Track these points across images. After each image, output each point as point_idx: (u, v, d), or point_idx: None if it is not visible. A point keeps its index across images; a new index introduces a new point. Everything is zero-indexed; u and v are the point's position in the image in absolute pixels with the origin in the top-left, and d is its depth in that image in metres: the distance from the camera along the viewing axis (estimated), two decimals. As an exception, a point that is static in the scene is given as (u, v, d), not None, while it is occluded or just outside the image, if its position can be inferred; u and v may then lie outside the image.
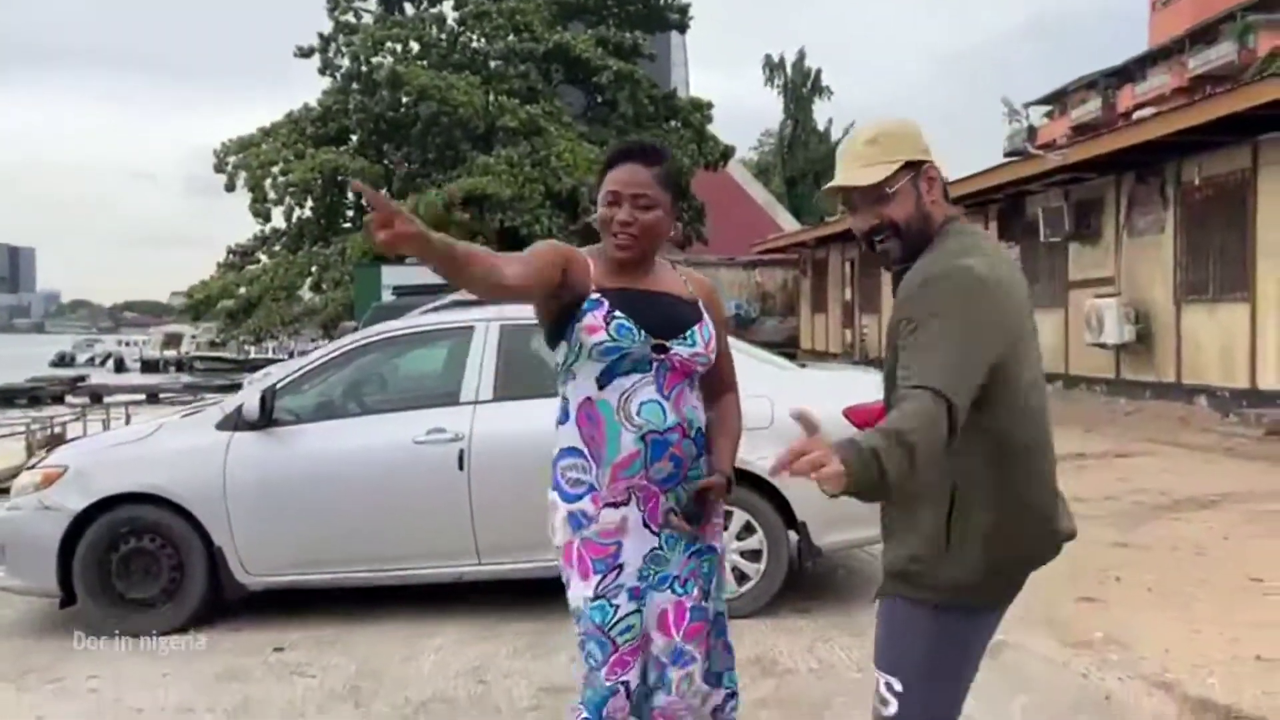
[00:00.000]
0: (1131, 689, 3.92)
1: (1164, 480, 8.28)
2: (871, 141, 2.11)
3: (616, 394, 2.30)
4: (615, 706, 2.27)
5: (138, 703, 4.06)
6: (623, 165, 2.34)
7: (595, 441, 2.31)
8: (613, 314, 2.28)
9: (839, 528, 5.03)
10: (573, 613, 2.35)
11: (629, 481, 2.31)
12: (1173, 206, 12.78)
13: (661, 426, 2.31)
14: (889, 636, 2.13)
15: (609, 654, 2.29)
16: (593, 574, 2.31)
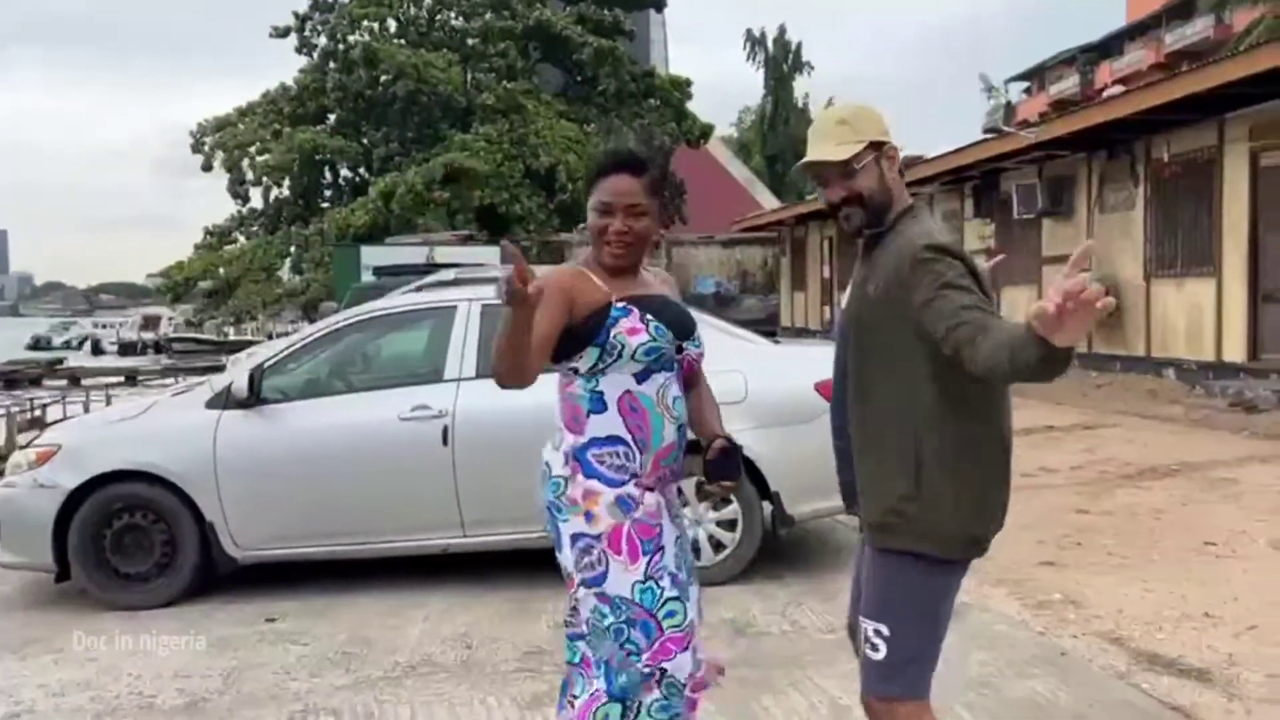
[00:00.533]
0: (1086, 645, 4.14)
1: (1129, 450, 8.53)
2: (841, 122, 2.32)
3: (654, 388, 2.44)
4: (647, 688, 2.39)
5: (136, 670, 4.21)
6: (613, 176, 2.45)
7: (643, 430, 2.42)
8: (646, 318, 2.42)
9: (810, 497, 5.22)
10: (611, 602, 2.39)
11: (664, 470, 2.46)
12: (1143, 183, 13.02)
13: (685, 419, 2.51)
14: (875, 586, 2.32)
15: (654, 638, 2.38)
16: (641, 555, 2.39)
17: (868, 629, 2.30)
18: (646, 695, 2.40)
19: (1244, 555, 5.31)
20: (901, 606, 2.27)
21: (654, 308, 2.47)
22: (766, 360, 5.40)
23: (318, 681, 4.04)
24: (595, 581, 2.41)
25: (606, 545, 2.40)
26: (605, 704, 2.40)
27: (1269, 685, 3.65)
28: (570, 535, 2.43)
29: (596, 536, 2.40)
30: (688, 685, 2.46)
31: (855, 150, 2.28)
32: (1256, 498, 6.59)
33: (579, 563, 2.43)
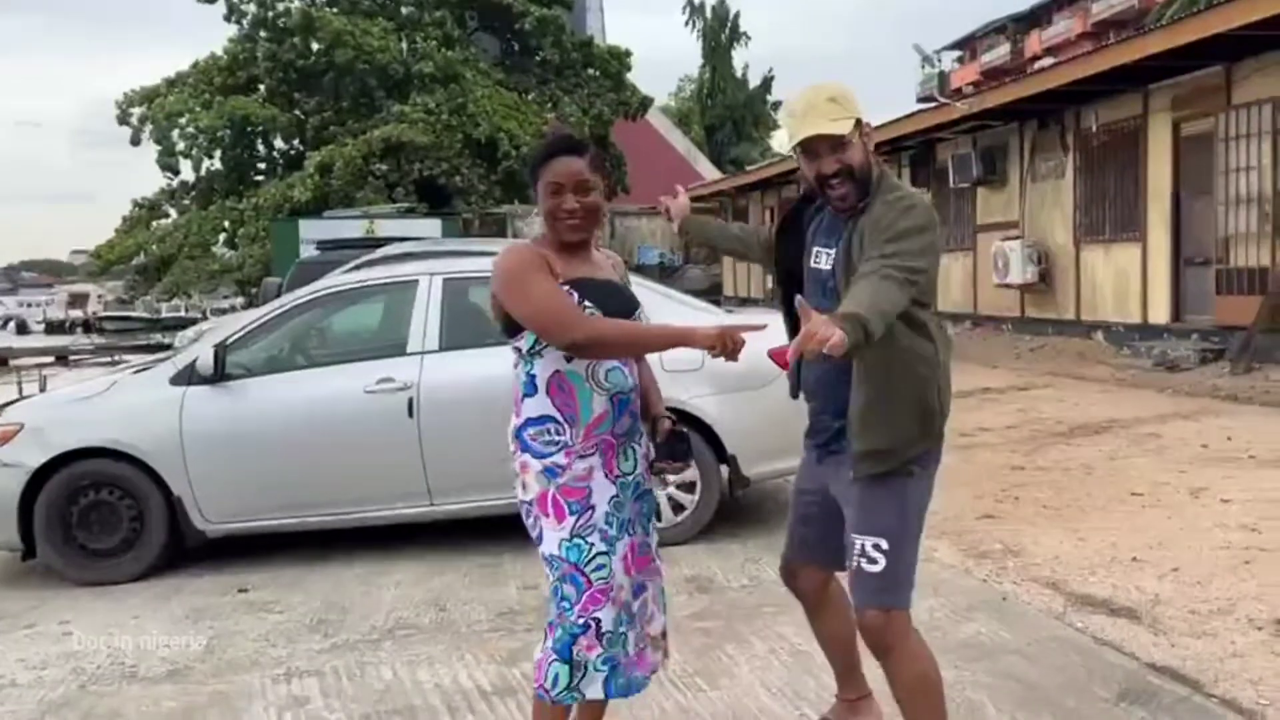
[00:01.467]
0: (1025, 589, 4.43)
1: (1061, 410, 8.93)
2: (832, 100, 2.56)
3: (583, 365, 2.59)
4: (584, 644, 2.55)
5: (114, 642, 4.29)
6: (558, 159, 2.60)
7: (569, 407, 2.59)
8: (584, 302, 2.57)
9: (766, 459, 5.46)
10: (547, 561, 2.59)
11: (599, 438, 2.62)
12: (1072, 152, 13.45)
13: (625, 388, 2.65)
14: (867, 508, 2.58)
15: (583, 590, 2.56)
16: (568, 515, 2.57)
17: (864, 545, 2.55)
18: (590, 653, 2.56)
19: (1167, 504, 5.67)
20: (898, 522, 2.56)
21: (594, 291, 2.61)
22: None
23: (297, 647, 4.16)
24: (538, 542, 2.62)
25: (537, 509, 2.60)
26: (553, 662, 2.56)
27: (1189, 620, 3.97)
28: (519, 503, 2.66)
29: (530, 502, 2.61)
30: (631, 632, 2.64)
31: (849, 126, 2.53)
32: (1178, 451, 6.99)
33: (528, 525, 2.65)
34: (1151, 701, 3.28)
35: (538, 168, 2.64)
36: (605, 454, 2.64)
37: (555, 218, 2.61)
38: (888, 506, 2.56)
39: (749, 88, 47.70)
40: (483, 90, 27.40)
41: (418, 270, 5.53)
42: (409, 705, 3.52)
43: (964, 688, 3.43)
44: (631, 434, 2.69)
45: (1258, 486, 5.86)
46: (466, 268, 5.61)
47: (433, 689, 3.65)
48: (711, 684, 3.57)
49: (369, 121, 26.33)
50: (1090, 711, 3.24)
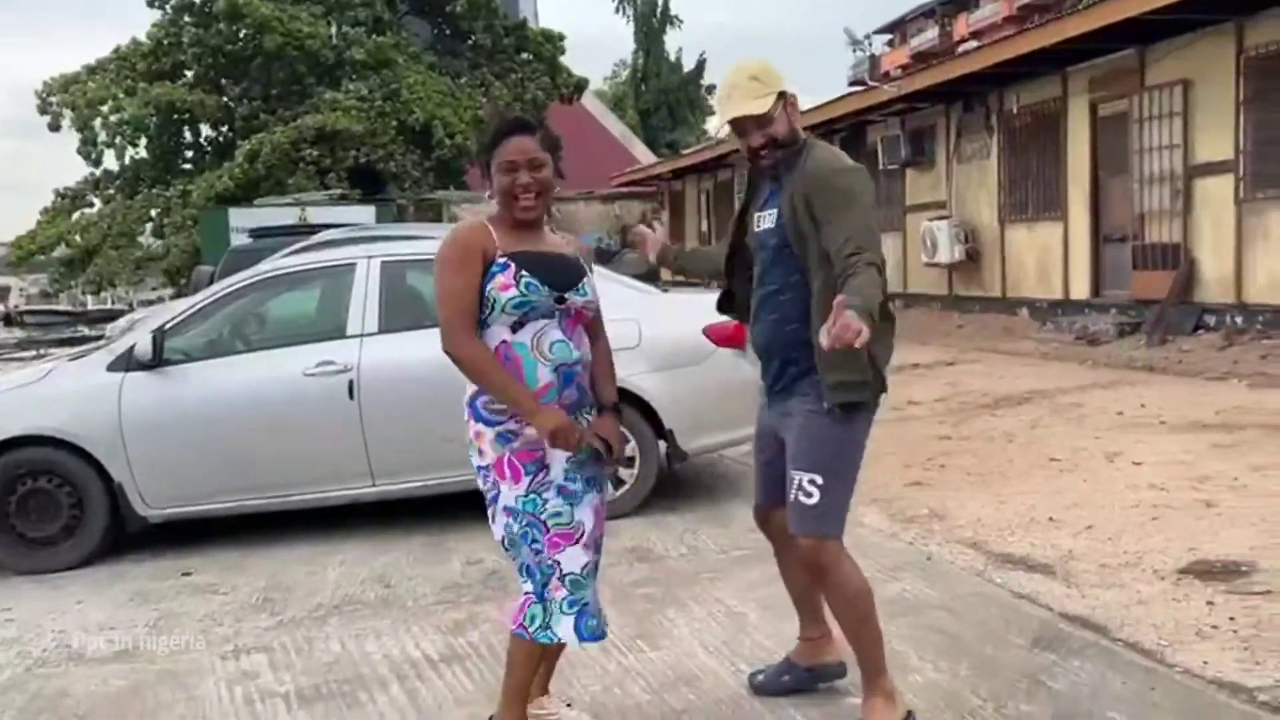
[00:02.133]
0: (948, 550, 4.65)
1: (986, 383, 9.25)
2: (753, 78, 2.79)
3: (530, 335, 2.71)
4: (553, 586, 2.70)
5: (59, 626, 4.31)
6: (511, 139, 2.73)
7: (515, 376, 2.70)
8: (520, 273, 2.69)
9: (702, 433, 5.62)
10: (509, 511, 2.70)
11: None
12: (996, 133, 13.83)
13: (569, 360, 2.77)
14: (806, 445, 2.80)
15: (544, 536, 2.70)
16: (524, 475, 2.71)
17: (801, 480, 2.77)
18: (556, 594, 2.72)
19: (1083, 468, 5.95)
20: (835, 458, 2.80)
21: (534, 262, 2.72)
22: (658, 308, 5.73)
23: (244, 625, 4.22)
24: (495, 500, 2.76)
25: (494, 474, 2.74)
26: (534, 603, 2.73)
27: (1099, 573, 4.21)
28: (476, 468, 2.79)
29: (487, 467, 2.75)
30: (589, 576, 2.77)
31: (770, 103, 2.76)
32: (1095, 419, 7.32)
33: (484, 487, 2.78)
34: (1062, 647, 3.51)
35: (491, 149, 2.76)
36: None
37: (511, 195, 2.73)
38: (826, 445, 2.79)
39: (682, 71, 47.85)
40: (416, 76, 27.14)
41: (356, 254, 5.58)
42: (358, 675, 3.62)
43: (889, 640, 3.58)
44: (580, 405, 2.81)
45: (1167, 450, 6.18)
46: (404, 251, 5.67)
47: (380, 659, 3.75)
48: (652, 645, 3.72)
49: (300, 108, 25.93)
50: (1006, 658, 3.46)
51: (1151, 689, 3.16)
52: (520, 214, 2.75)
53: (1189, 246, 10.71)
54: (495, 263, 2.70)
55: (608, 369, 2.94)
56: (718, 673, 3.47)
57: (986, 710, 3.08)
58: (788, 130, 2.80)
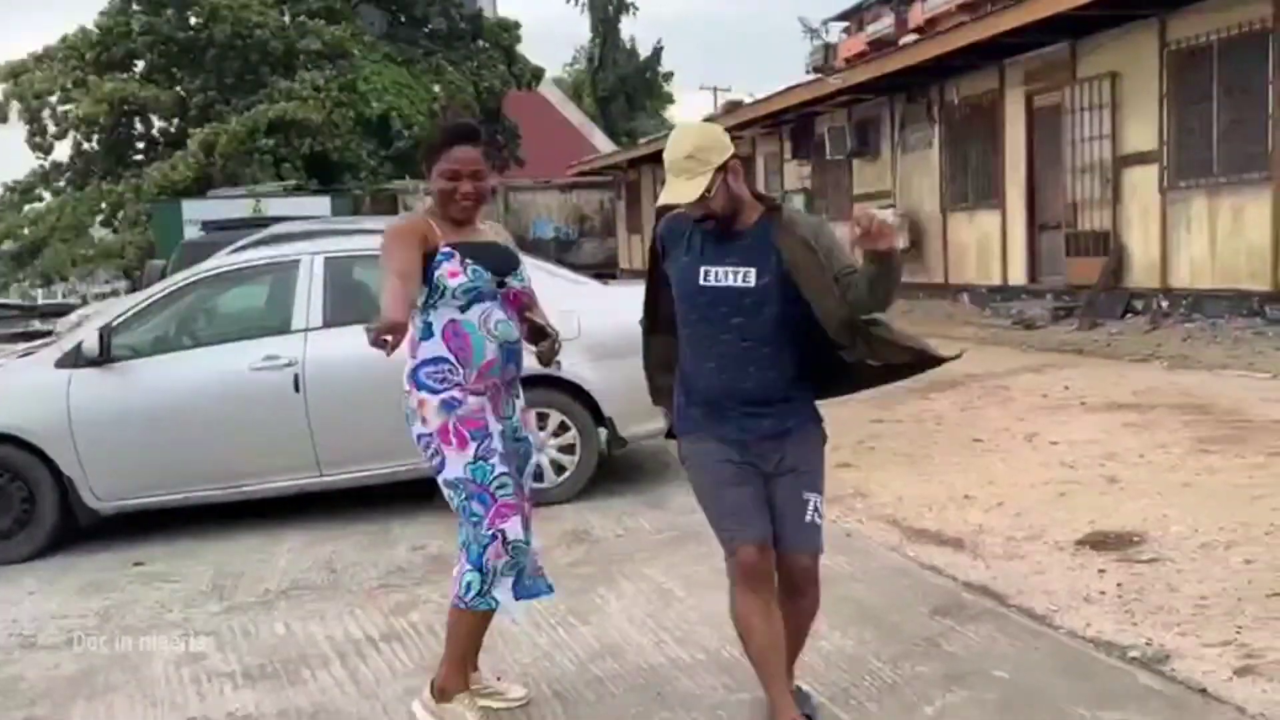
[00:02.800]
0: (868, 527, 4.93)
1: (923, 368, 9.55)
2: (689, 156, 2.76)
3: (477, 314, 2.95)
4: (493, 552, 2.91)
5: (10, 615, 4.45)
6: (457, 148, 2.95)
7: (464, 351, 2.94)
8: (466, 261, 2.93)
9: (640, 421, 5.82)
10: (451, 484, 2.92)
11: (488, 380, 2.99)
12: (938, 124, 14.18)
13: (512, 338, 3.02)
14: (815, 467, 2.94)
15: (489, 506, 2.92)
16: (470, 441, 2.94)
17: (815, 501, 2.90)
18: (498, 560, 2.94)
19: (1004, 449, 6.26)
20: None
21: (476, 251, 2.98)
22: (596, 299, 5.94)
23: (193, 611, 4.39)
24: (439, 470, 2.97)
25: (440, 440, 2.94)
26: (468, 572, 2.94)
27: (1005, 545, 4.50)
28: (416, 436, 2.99)
29: (431, 434, 2.95)
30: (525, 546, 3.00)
31: (705, 183, 2.74)
32: (1022, 401, 7.64)
33: (426, 457, 2.99)
34: (960, 613, 3.78)
35: (436, 153, 2.98)
36: (494, 399, 2.99)
37: (451, 199, 2.97)
38: (822, 469, 2.98)
39: (639, 59, 47.95)
40: (372, 67, 27.05)
41: (300, 250, 5.73)
42: (301, 654, 3.81)
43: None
44: (513, 384, 3.06)
45: (1082, 430, 6.51)
46: (348, 246, 5.83)
47: (324, 639, 3.94)
48: (582, 620, 3.95)
49: (253, 98, 25.76)
50: (909, 625, 3.72)
51: (1035, 649, 3.44)
52: (456, 216, 3.00)
53: (1118, 234, 11.11)
54: (440, 252, 2.92)
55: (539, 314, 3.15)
56: (641, 644, 3.70)
57: (885, 671, 3.34)
58: (725, 202, 2.78)
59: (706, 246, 2.87)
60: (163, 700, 3.51)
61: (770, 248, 2.82)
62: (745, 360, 2.85)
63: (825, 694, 3.20)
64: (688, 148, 2.77)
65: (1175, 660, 3.25)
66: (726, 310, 2.83)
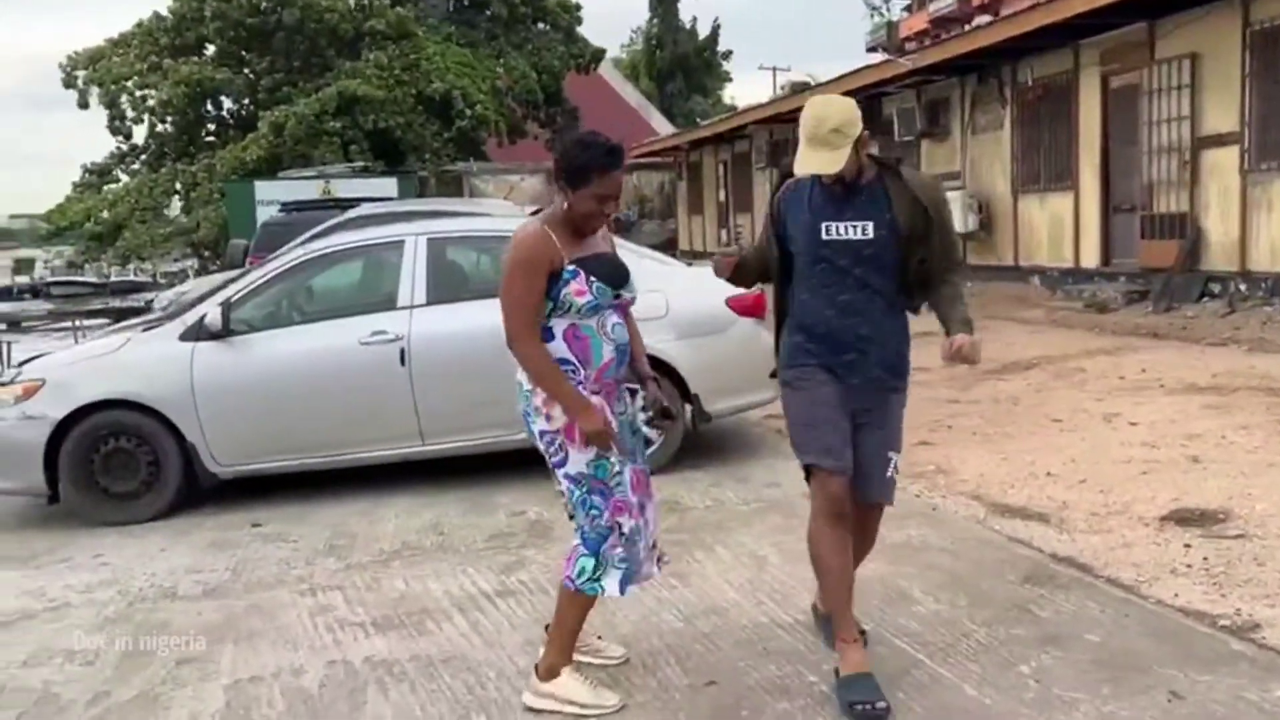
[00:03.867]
0: (952, 501, 5.09)
1: (995, 349, 9.60)
2: (835, 130, 3.01)
3: (595, 319, 3.14)
4: (610, 543, 3.13)
5: (149, 569, 4.80)
6: (616, 171, 3.09)
7: (585, 352, 3.13)
8: (590, 279, 3.10)
9: (724, 397, 6.06)
10: (573, 479, 3.11)
11: (604, 381, 3.19)
12: (1009, 105, 14.10)
13: (624, 341, 3.23)
14: (896, 427, 3.28)
15: (608, 500, 3.12)
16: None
17: (895, 459, 3.27)
18: (613, 552, 3.14)
19: (1082, 428, 6.36)
20: None
21: (597, 268, 3.15)
22: (684, 280, 6.15)
23: (315, 568, 4.70)
24: (560, 464, 3.15)
25: (564, 437, 3.13)
26: (583, 556, 3.14)
27: (1090, 520, 4.64)
28: (538, 433, 3.18)
29: (555, 431, 3.13)
30: (642, 539, 3.20)
31: (846, 156, 3.02)
32: (1097, 383, 7.71)
33: (548, 453, 3.18)
34: (1050, 582, 3.94)
35: (591, 171, 3.04)
36: (607, 396, 3.18)
37: (592, 217, 3.12)
38: (902, 429, 3.31)
39: (698, 38, 47.80)
40: (435, 47, 27.42)
41: (403, 231, 6.01)
42: (424, 608, 4.09)
43: (896, 579, 4.07)
44: (623, 381, 3.26)
45: (1161, 411, 6.58)
46: (448, 228, 6.11)
47: (442, 595, 4.22)
48: (683, 582, 4.17)
49: (321, 80, 26.27)
50: (999, 591, 3.89)
51: (1126, 615, 3.59)
52: (586, 230, 3.16)
53: (1195, 216, 11.02)
54: (565, 270, 3.08)
55: (641, 347, 3.39)
56: (741, 604, 3.92)
57: (980, 634, 3.52)
58: (855, 169, 3.07)
59: (825, 204, 3.17)
60: (302, 644, 3.80)
61: (885, 203, 3.14)
62: (864, 306, 3.18)
63: (924, 653, 3.39)
64: (834, 123, 3.02)
65: (1266, 629, 3.39)
66: (847, 261, 3.15)
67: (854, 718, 2.99)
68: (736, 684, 3.27)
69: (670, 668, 3.41)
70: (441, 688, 3.37)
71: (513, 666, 3.48)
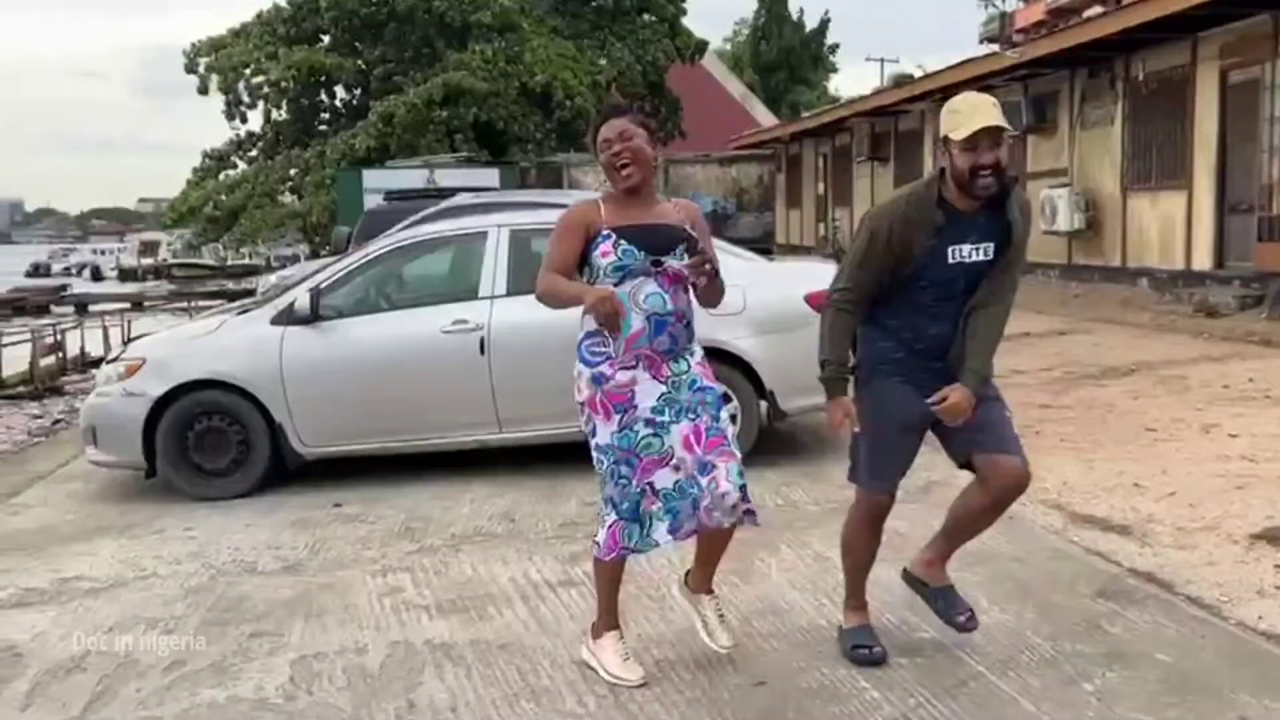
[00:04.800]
0: (1032, 510, 4.93)
1: (1095, 354, 9.30)
2: (995, 104, 3.15)
3: (629, 288, 3.18)
4: (646, 503, 3.17)
5: (233, 543, 5.01)
6: (605, 122, 3.25)
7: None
8: (618, 242, 3.17)
9: (801, 395, 5.97)
10: (601, 449, 3.19)
11: (637, 351, 3.20)
12: (1121, 100, 13.56)
13: (662, 310, 3.22)
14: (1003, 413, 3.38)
15: (636, 466, 3.17)
16: (614, 414, 3.19)
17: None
18: (652, 507, 3.19)
19: (1178, 439, 6.10)
20: None
21: (635, 233, 3.18)
22: (762, 275, 6.11)
23: (389, 549, 4.83)
24: (591, 434, 3.25)
25: (589, 409, 3.22)
26: (626, 525, 3.18)
27: (1175, 535, 4.45)
28: (578, 404, 3.27)
29: (582, 403, 3.25)
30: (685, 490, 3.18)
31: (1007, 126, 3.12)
32: (1199, 392, 7.38)
33: (581, 421, 3.28)
34: (1124, 598, 3.80)
35: (593, 138, 3.27)
36: (650, 365, 3.21)
37: (612, 168, 3.23)
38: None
39: (805, 30, 47.23)
40: (539, 39, 27.74)
41: (486, 223, 6.11)
42: (488, 593, 4.17)
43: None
44: (671, 352, 3.23)
45: (1265, 424, 6.26)
46: (529, 220, 6.18)
47: (507, 581, 4.29)
48: (745, 580, 4.16)
49: (429, 71, 26.85)
50: (1069, 604, 3.77)
51: (1202, 636, 3.44)
52: (622, 182, 3.22)
53: (1318, 218, 10.43)
54: (600, 234, 3.19)
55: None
56: (802, 606, 3.89)
57: (1044, 647, 3.42)
58: (1007, 161, 3.12)
59: (950, 227, 3.16)
60: (368, 624, 3.92)
61: (1003, 224, 3.17)
62: (959, 316, 3.22)
63: (984, 664, 3.31)
64: (992, 100, 3.18)
65: (1353, 658, 3.21)
66: (966, 283, 3.19)
67: (854, 660, 3.32)
68: (787, 686, 3.24)
69: (722, 666, 3.40)
70: (495, 673, 3.44)
71: (566, 655, 3.52)
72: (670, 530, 3.19)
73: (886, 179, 21.21)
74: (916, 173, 19.84)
